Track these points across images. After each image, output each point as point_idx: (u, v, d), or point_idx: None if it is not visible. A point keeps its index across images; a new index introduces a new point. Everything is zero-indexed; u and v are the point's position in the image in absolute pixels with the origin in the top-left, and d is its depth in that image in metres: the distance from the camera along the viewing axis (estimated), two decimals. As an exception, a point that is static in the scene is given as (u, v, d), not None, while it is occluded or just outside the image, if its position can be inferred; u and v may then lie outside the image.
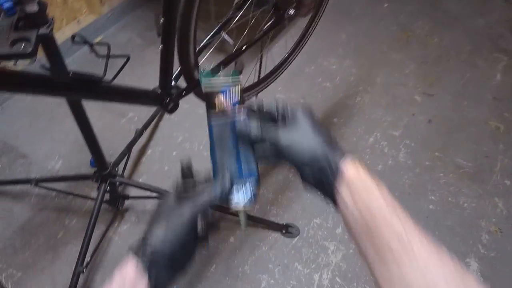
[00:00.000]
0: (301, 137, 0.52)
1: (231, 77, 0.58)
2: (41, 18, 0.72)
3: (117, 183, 1.32)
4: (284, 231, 1.49)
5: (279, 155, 0.54)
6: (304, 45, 1.56)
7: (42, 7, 0.72)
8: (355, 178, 0.48)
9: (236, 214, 0.59)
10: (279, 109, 0.56)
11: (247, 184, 0.57)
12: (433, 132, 1.85)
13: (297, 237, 1.49)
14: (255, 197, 0.57)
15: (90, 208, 1.49)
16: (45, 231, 1.46)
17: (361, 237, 0.47)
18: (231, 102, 0.57)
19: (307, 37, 1.54)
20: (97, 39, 2.12)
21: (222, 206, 1.53)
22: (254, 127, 0.55)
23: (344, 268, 1.42)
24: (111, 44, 0.87)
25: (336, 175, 0.49)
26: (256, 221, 1.48)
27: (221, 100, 0.57)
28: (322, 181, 0.51)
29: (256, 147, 0.57)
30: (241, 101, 0.57)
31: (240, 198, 0.56)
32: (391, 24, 2.37)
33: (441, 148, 1.79)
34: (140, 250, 0.50)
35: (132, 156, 1.64)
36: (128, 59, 0.77)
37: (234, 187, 0.56)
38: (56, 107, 1.81)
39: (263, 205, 1.57)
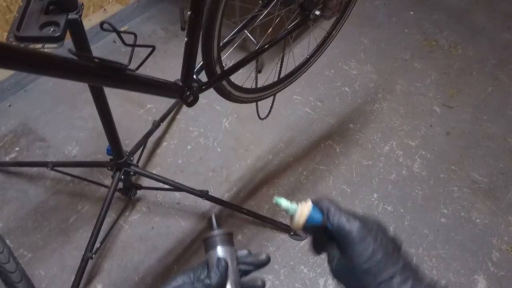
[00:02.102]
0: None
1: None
2: (71, 3, 0.73)
3: (131, 172, 1.33)
4: (292, 233, 1.49)
5: None
6: (326, 48, 1.55)
7: (73, -8, 0.73)
8: None
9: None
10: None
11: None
12: (451, 144, 1.83)
13: (305, 240, 1.48)
14: None
15: (103, 195, 1.51)
16: (57, 214, 1.48)
17: None
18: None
19: (330, 40, 1.53)
20: (122, 29, 2.15)
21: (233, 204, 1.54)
22: None
23: (350, 275, 1.41)
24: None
25: None
26: (265, 221, 1.48)
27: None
28: None
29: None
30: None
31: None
32: (415, 33, 2.35)
33: (457, 162, 1.76)
34: None
35: (148, 147, 1.65)
36: (153, 49, 0.78)
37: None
38: (77, 94, 1.84)
39: (272, 206, 1.56)
